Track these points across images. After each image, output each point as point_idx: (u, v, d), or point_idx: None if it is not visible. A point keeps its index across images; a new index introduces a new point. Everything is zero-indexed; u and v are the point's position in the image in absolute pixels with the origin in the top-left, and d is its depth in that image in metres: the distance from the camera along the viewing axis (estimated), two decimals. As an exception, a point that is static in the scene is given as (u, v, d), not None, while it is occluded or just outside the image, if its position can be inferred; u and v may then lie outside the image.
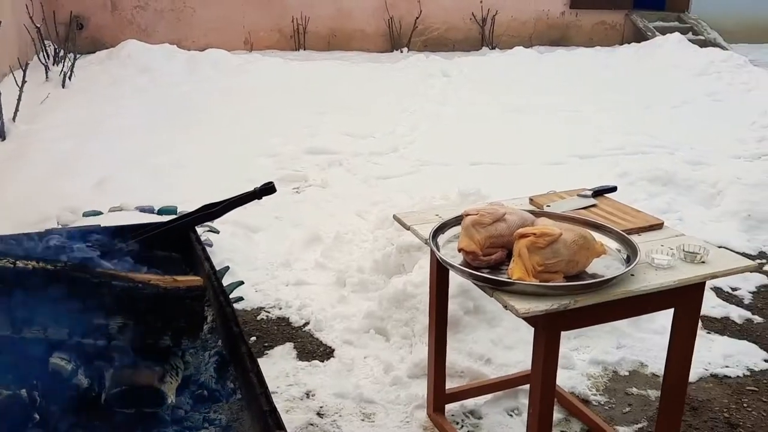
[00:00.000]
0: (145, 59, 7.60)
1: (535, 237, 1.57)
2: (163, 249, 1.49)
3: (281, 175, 4.55)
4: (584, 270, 1.65)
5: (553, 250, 1.57)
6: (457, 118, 6.19)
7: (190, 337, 1.13)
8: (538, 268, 1.56)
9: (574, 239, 1.59)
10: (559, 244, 1.57)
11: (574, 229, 1.65)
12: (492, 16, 10.52)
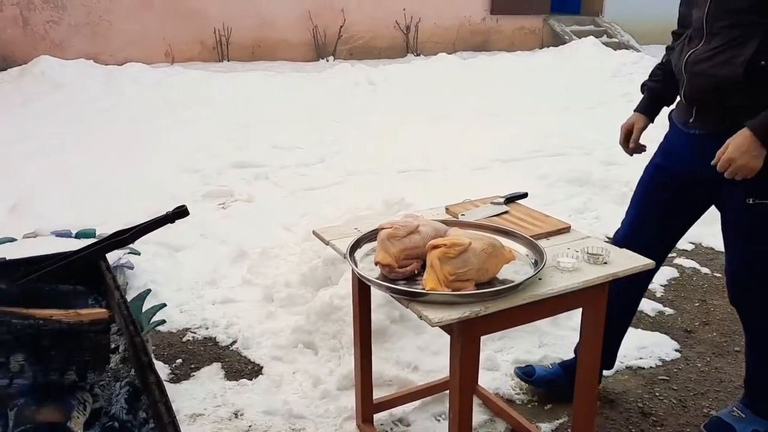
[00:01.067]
0: (60, 75, 7.35)
1: (446, 248, 1.62)
2: (71, 279, 1.46)
3: (206, 191, 4.49)
4: (495, 276, 1.71)
5: (464, 260, 1.62)
6: (384, 126, 6.26)
7: (97, 371, 1.12)
8: (449, 278, 1.61)
9: (483, 248, 1.65)
10: (469, 253, 1.62)
11: (483, 237, 1.71)
12: (415, 24, 10.70)
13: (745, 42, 1.81)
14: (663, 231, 2.14)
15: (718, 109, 1.91)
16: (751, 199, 1.88)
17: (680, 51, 2.03)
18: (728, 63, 1.83)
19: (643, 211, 2.19)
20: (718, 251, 3.70)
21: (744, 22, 1.81)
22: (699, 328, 2.92)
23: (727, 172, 1.80)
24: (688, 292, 3.24)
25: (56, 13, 8.91)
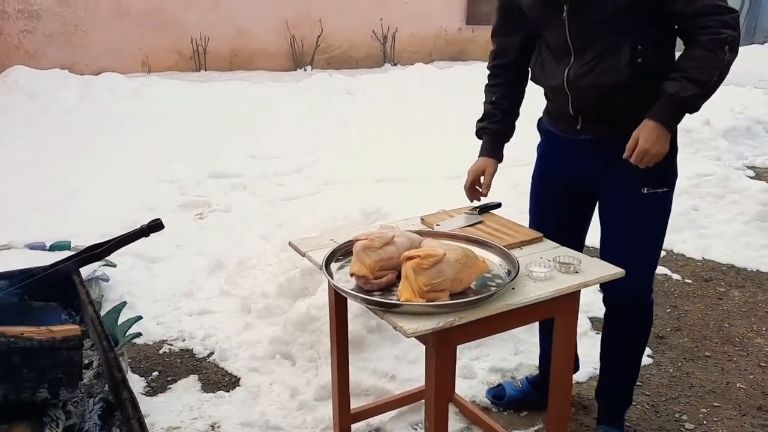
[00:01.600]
0: (34, 86, 7.28)
1: (420, 259, 1.64)
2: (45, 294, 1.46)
3: (183, 202, 4.48)
4: (469, 286, 1.73)
5: (438, 270, 1.64)
6: (361, 135, 6.28)
7: (69, 388, 1.11)
8: (424, 288, 1.63)
9: (457, 258, 1.67)
10: (443, 264, 1.65)
11: (457, 248, 1.73)
12: (392, 34, 10.77)
13: (619, 47, 1.88)
14: (565, 237, 2.09)
15: (607, 114, 1.99)
16: (645, 189, 1.98)
17: (552, 71, 2.03)
18: (612, 70, 1.89)
19: (540, 221, 2.24)
20: (688, 257, 3.78)
21: (610, 32, 1.88)
22: (670, 334, 2.97)
23: (642, 162, 1.88)
24: (660, 298, 3.29)
25: (31, 22, 8.82)
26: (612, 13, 1.85)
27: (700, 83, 1.79)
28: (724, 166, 5.08)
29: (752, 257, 3.72)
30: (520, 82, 2.23)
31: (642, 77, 1.89)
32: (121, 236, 1.57)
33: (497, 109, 2.21)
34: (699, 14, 1.79)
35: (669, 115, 1.85)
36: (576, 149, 2.08)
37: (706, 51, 1.78)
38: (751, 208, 3.98)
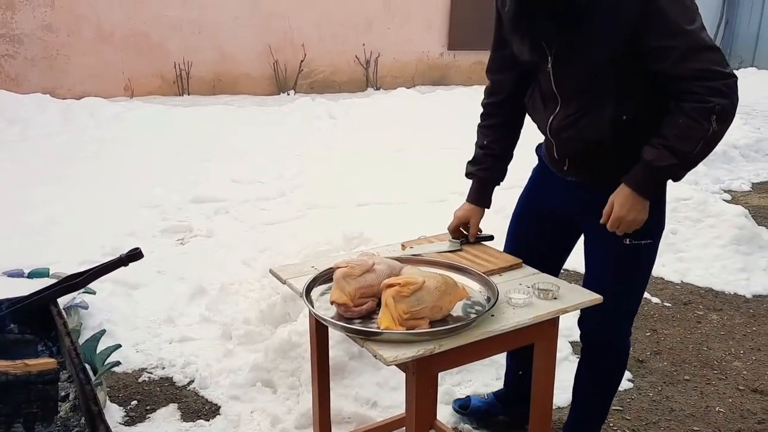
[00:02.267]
0: (15, 110, 7.22)
1: (400, 286, 1.65)
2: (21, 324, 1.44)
3: (164, 227, 4.46)
4: (449, 313, 1.74)
5: (418, 298, 1.65)
6: (344, 159, 6.31)
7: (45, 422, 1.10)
8: (404, 316, 1.64)
9: (437, 285, 1.69)
10: (422, 292, 1.66)
11: (437, 275, 1.74)
12: (375, 59, 10.87)
13: (603, 101, 1.82)
14: (539, 262, 2.07)
15: (591, 164, 1.94)
16: (628, 240, 1.91)
17: (540, 115, 2.01)
18: (594, 125, 1.84)
19: (518, 242, 2.21)
20: (667, 281, 3.82)
21: (594, 86, 1.82)
22: (650, 358, 2.99)
23: (619, 229, 1.84)
24: (639, 321, 3.32)
25: (12, 47, 8.80)
26: (594, 68, 1.79)
27: (680, 154, 1.70)
28: (701, 190, 5.16)
29: (729, 280, 3.77)
30: (515, 122, 2.16)
31: (626, 133, 1.83)
32: (99, 266, 1.57)
33: (488, 155, 2.15)
34: (686, 78, 1.68)
35: (645, 182, 1.78)
36: (564, 187, 2.06)
37: (690, 120, 1.67)
38: (727, 231, 4.04)
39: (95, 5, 9.13)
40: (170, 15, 9.57)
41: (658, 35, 1.67)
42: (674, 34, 1.66)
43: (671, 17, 1.66)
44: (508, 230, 2.30)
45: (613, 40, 1.72)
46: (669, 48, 1.67)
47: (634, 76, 1.78)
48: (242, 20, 10.04)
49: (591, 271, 2.10)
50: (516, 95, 2.10)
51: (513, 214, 2.28)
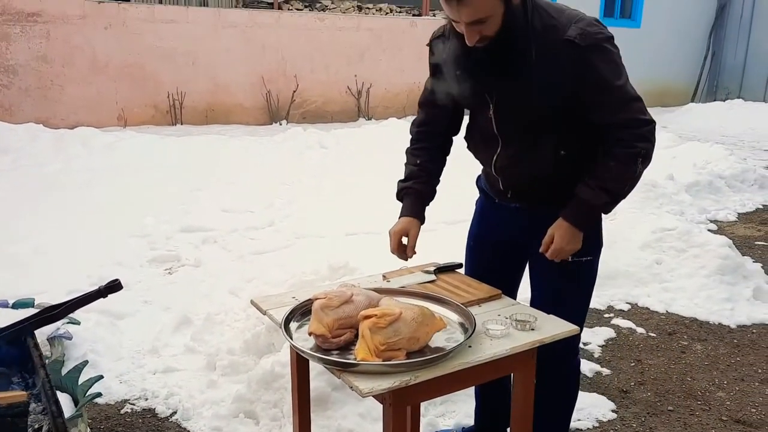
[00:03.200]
0: (7, 140, 7.26)
1: (377, 318, 1.67)
2: None
3: (152, 256, 4.46)
4: (427, 344, 1.76)
5: (395, 329, 1.66)
6: (334, 189, 6.34)
7: (14, 454, 1.10)
8: (380, 348, 1.65)
9: (414, 317, 1.70)
10: (399, 323, 1.67)
11: (414, 307, 1.76)
12: (367, 89, 10.99)
13: (544, 140, 1.98)
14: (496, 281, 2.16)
15: (532, 192, 2.10)
16: (570, 257, 2.05)
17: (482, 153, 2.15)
18: (537, 162, 2.00)
19: (478, 275, 2.26)
20: (653, 311, 3.84)
21: (534, 130, 1.98)
22: (634, 388, 3.00)
23: (558, 257, 2.01)
24: (624, 351, 3.34)
25: (6, 77, 8.87)
26: (535, 114, 1.95)
27: (612, 193, 1.92)
28: (686, 220, 5.21)
29: (714, 310, 3.80)
30: (444, 151, 2.28)
31: (565, 164, 2.00)
32: (77, 298, 1.58)
33: (423, 171, 2.22)
34: (615, 127, 1.88)
35: (581, 218, 1.98)
36: (508, 214, 2.19)
37: (620, 164, 1.88)
38: (711, 261, 4.07)
39: (90, 37, 9.24)
40: (164, 46, 9.68)
41: (592, 91, 1.86)
42: (606, 89, 1.86)
43: (603, 74, 1.85)
44: (465, 263, 2.38)
45: (552, 91, 1.88)
46: (601, 102, 1.88)
47: (571, 118, 1.95)
48: (235, 51, 10.17)
49: (537, 290, 2.20)
50: (448, 128, 2.25)
51: (467, 248, 2.38)
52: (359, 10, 11.45)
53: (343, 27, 10.97)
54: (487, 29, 1.80)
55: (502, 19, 1.79)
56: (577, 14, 1.89)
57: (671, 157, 7.50)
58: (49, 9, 8.93)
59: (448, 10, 1.80)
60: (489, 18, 1.78)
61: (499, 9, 1.78)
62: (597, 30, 1.85)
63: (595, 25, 1.86)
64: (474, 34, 1.80)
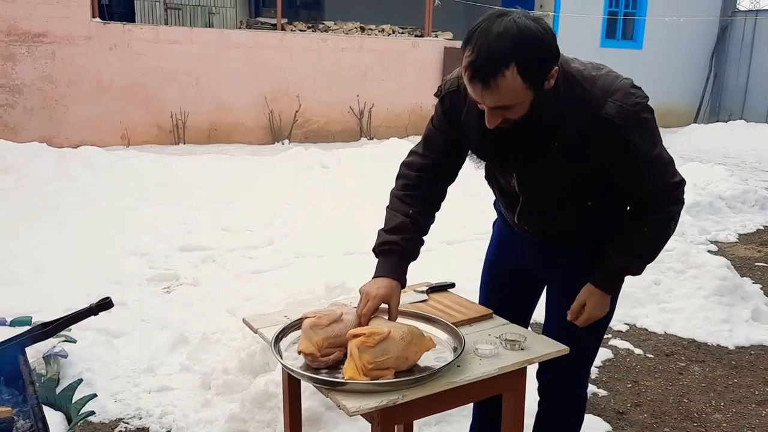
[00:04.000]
0: (11, 159, 7.32)
1: (365, 337, 1.67)
2: (-12, 373, 1.46)
3: (151, 275, 4.47)
4: (416, 363, 1.76)
5: (383, 348, 1.67)
6: (334, 208, 6.37)
7: (-3, 471, 1.11)
8: (368, 366, 1.66)
9: (402, 336, 1.71)
10: (388, 342, 1.68)
11: (403, 326, 1.77)
12: (369, 109, 11.06)
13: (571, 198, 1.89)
14: (512, 316, 2.12)
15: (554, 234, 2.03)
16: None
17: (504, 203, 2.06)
18: (562, 215, 1.93)
19: (493, 299, 2.23)
20: (651, 332, 3.83)
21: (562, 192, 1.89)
22: (631, 410, 2.98)
23: (587, 324, 1.96)
24: (621, 373, 3.32)
25: (12, 97, 8.96)
26: (559, 187, 1.86)
27: (646, 257, 1.89)
28: (686, 241, 5.21)
29: (712, 332, 3.78)
30: (439, 201, 2.05)
31: (593, 213, 1.94)
32: (68, 315, 1.59)
33: (414, 225, 1.93)
34: (650, 192, 1.80)
35: (614, 284, 1.95)
36: (524, 241, 2.11)
37: (655, 230, 1.84)
38: (709, 283, 4.07)
39: (95, 57, 9.35)
40: (168, 66, 9.78)
41: (629, 164, 1.76)
42: (644, 163, 1.76)
43: (642, 150, 1.73)
44: (481, 285, 2.33)
45: (582, 165, 1.78)
46: (637, 173, 1.78)
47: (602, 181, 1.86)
48: (238, 72, 10.27)
49: (551, 320, 2.15)
50: (449, 178, 2.04)
51: (483, 270, 2.32)
52: (362, 31, 11.57)
53: (345, 48, 11.07)
54: (513, 114, 1.62)
55: (533, 106, 1.62)
56: (611, 83, 1.70)
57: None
58: (55, 30, 9.05)
59: (471, 91, 1.59)
60: (516, 105, 1.60)
61: (528, 96, 1.58)
62: (635, 101, 1.69)
63: (632, 94, 1.69)
64: (496, 118, 1.63)
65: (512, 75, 1.51)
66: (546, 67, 1.57)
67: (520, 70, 1.51)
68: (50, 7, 8.98)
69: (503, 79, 1.52)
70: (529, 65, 1.52)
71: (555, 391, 2.18)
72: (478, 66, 1.52)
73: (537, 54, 1.54)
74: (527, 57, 1.51)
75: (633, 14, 14.30)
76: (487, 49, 1.50)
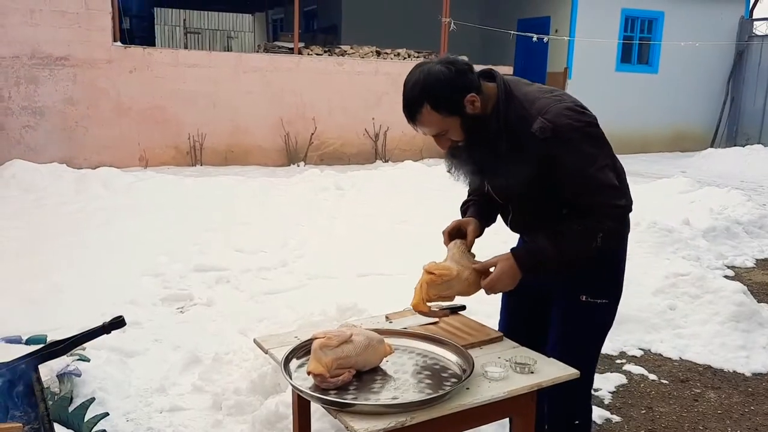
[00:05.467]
0: (31, 179, 7.45)
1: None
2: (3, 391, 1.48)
3: (165, 295, 4.50)
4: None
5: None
6: (348, 230, 6.39)
7: (7, 486, 1.13)
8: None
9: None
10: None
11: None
12: (384, 132, 11.14)
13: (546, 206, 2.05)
14: (530, 331, 2.24)
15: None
16: (584, 296, 2.08)
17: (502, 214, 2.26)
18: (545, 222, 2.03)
19: (510, 316, 2.35)
20: (666, 357, 3.78)
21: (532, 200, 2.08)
22: (644, 436, 2.94)
23: (489, 292, 2.04)
24: (635, 399, 3.28)
25: (33, 118, 9.14)
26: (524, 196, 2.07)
27: (564, 255, 1.94)
28: (702, 266, 5.16)
29: (729, 358, 3.73)
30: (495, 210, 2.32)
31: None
32: (81, 334, 1.62)
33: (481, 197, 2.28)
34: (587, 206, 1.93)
35: (528, 261, 2.00)
36: None
37: (582, 233, 1.93)
38: (725, 308, 4.02)
39: (115, 80, 9.53)
40: (186, 89, 9.94)
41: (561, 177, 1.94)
42: (574, 178, 1.92)
43: (569, 166, 1.91)
44: (501, 308, 2.40)
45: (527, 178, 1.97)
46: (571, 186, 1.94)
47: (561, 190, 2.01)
48: (255, 95, 10.40)
49: (550, 333, 2.19)
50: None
51: (503, 294, 2.35)
52: (377, 55, 11.68)
53: (361, 71, 11.19)
54: (453, 136, 1.97)
55: (464, 128, 1.93)
56: (549, 104, 1.92)
57: (688, 202, 7.47)
58: (76, 53, 9.25)
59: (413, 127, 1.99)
60: (447, 131, 1.95)
61: (454, 121, 1.93)
62: (564, 122, 1.89)
63: (564, 115, 1.90)
64: (443, 143, 2.00)
65: (428, 111, 1.91)
66: (454, 98, 1.90)
67: (432, 106, 1.90)
68: (72, 32, 9.19)
69: (422, 116, 1.92)
70: (437, 101, 1.89)
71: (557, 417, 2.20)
72: (405, 111, 1.96)
73: (443, 91, 1.89)
74: (434, 95, 1.89)
75: (648, 39, 14.31)
76: (406, 97, 1.94)
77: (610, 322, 2.18)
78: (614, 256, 2.11)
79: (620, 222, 1.96)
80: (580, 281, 2.08)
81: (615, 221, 1.94)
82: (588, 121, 1.93)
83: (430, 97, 1.89)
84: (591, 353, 2.18)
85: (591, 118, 1.95)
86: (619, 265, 2.14)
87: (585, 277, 2.07)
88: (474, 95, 1.92)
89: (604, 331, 2.17)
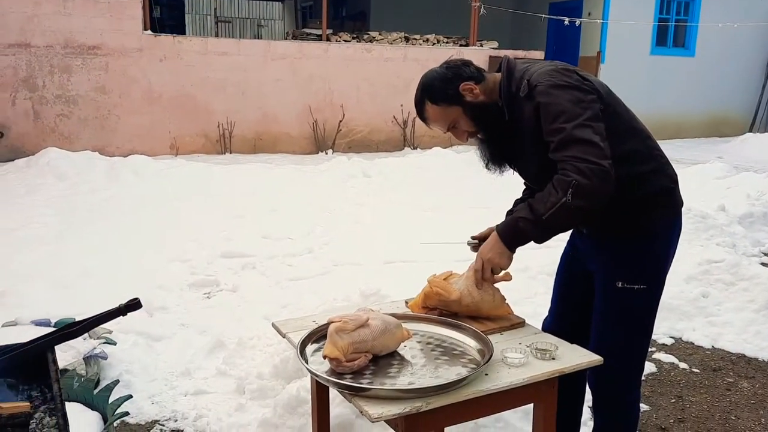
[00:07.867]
0: (65, 167, 7.58)
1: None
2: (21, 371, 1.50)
3: (192, 281, 4.54)
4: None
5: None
6: (375, 217, 6.37)
7: (16, 465, 1.13)
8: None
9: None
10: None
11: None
12: (412, 119, 11.06)
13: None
14: (583, 314, 2.21)
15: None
16: (620, 282, 2.04)
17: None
18: None
19: (563, 298, 2.33)
20: (697, 346, 3.69)
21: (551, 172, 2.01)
22: (673, 426, 2.87)
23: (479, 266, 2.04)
24: (664, 387, 3.20)
25: (67, 107, 9.29)
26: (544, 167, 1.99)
27: (535, 213, 1.90)
28: (737, 252, 5.02)
29: (763, 347, 3.62)
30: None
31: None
32: (97, 315, 1.62)
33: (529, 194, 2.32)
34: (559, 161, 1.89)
35: (507, 231, 1.98)
36: (581, 240, 2.23)
37: (551, 187, 1.89)
38: (761, 295, 3.90)
39: (146, 69, 9.63)
40: (215, 77, 10.00)
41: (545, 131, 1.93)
42: (551, 131, 1.90)
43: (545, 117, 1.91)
44: (553, 292, 2.40)
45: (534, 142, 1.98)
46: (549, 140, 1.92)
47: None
48: (284, 82, 10.42)
49: (594, 314, 2.16)
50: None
51: (555, 276, 2.40)
52: (406, 41, 11.59)
53: (389, 58, 11.12)
54: (464, 126, 2.06)
55: (469, 116, 2.03)
56: (536, 69, 1.97)
57: (725, 188, 7.27)
58: (108, 42, 9.36)
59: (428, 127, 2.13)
60: (456, 122, 2.05)
61: (456, 111, 2.03)
62: (544, 78, 1.92)
63: (546, 72, 1.94)
64: (459, 135, 2.09)
65: (429, 106, 2.06)
66: (448, 88, 2.02)
67: (431, 100, 2.05)
68: (104, 21, 9.30)
69: (427, 113, 2.07)
70: (433, 94, 2.04)
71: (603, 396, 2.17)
72: (417, 115, 2.11)
73: (438, 86, 2.04)
74: (430, 90, 2.05)
75: (685, 21, 13.93)
76: (415, 100, 2.09)
77: (651, 309, 2.10)
78: (651, 241, 2.04)
79: (592, 179, 1.83)
80: (616, 266, 2.05)
81: (585, 177, 1.83)
82: (569, 80, 1.92)
83: (427, 92, 2.04)
84: (631, 340, 2.10)
85: (576, 80, 1.93)
86: (659, 249, 2.06)
87: (622, 262, 2.04)
88: (469, 83, 2.01)
89: (643, 318, 2.09)
